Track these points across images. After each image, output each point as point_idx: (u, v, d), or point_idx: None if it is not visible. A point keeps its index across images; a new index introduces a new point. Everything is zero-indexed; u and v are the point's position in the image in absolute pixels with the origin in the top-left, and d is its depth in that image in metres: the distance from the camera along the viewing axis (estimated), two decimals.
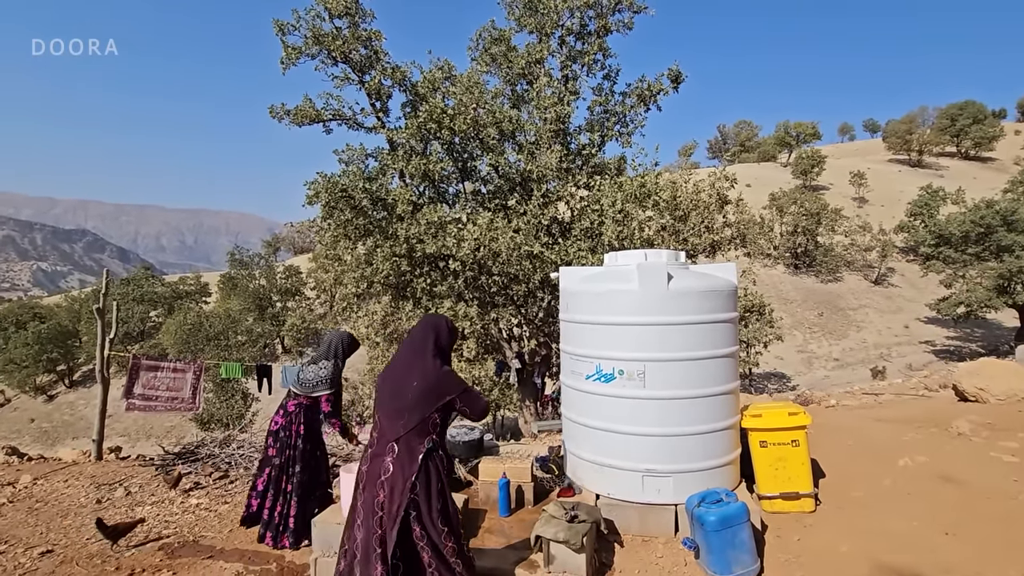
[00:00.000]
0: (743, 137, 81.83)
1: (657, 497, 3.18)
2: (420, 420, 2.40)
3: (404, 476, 2.34)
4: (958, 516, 3.23)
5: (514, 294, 10.87)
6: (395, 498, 2.32)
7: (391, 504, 2.32)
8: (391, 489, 2.34)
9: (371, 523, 2.35)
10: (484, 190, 10.82)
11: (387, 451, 2.40)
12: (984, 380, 6.95)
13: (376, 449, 2.43)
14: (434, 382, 2.46)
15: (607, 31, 10.96)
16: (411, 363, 2.53)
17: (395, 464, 2.36)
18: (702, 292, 3.15)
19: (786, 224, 38.63)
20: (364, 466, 2.46)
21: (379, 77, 9.52)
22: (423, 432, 2.41)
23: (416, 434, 2.40)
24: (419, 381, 2.46)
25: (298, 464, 3.73)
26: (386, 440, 2.41)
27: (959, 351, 26.36)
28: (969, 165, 65.37)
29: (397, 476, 2.34)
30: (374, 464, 2.41)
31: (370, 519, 2.35)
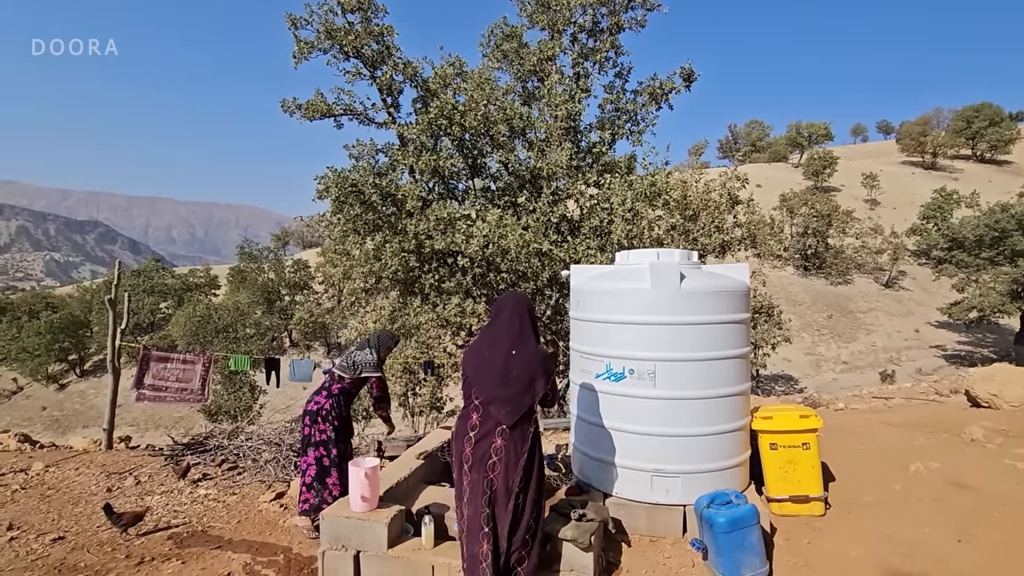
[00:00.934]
0: (754, 137, 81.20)
1: (665, 497, 3.17)
2: (531, 403, 2.58)
3: (517, 455, 2.52)
4: (971, 523, 3.19)
5: (523, 291, 10.87)
6: (510, 476, 2.50)
7: (504, 483, 2.50)
8: (505, 468, 2.50)
9: (479, 502, 2.50)
10: (494, 187, 10.81)
11: (497, 433, 2.54)
12: (998, 386, 6.87)
13: (483, 431, 2.56)
14: (542, 366, 2.63)
15: (620, 28, 10.90)
16: (517, 346, 2.64)
17: (507, 445, 2.52)
18: (714, 292, 3.13)
19: (796, 225, 38.34)
20: (469, 448, 2.58)
21: (390, 72, 9.52)
22: (531, 414, 2.60)
23: (526, 417, 2.57)
24: (529, 364, 2.60)
25: (341, 443, 3.84)
26: (495, 422, 2.55)
27: (970, 356, 26.08)
28: (984, 168, 64.51)
29: (511, 456, 2.52)
30: (482, 445, 2.54)
31: (478, 498, 2.51)
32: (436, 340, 13.20)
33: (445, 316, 10.00)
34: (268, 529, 4.08)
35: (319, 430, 3.75)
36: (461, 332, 11.75)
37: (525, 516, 2.56)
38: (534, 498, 2.59)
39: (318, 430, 3.75)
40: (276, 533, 4.01)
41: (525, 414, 2.55)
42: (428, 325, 10.47)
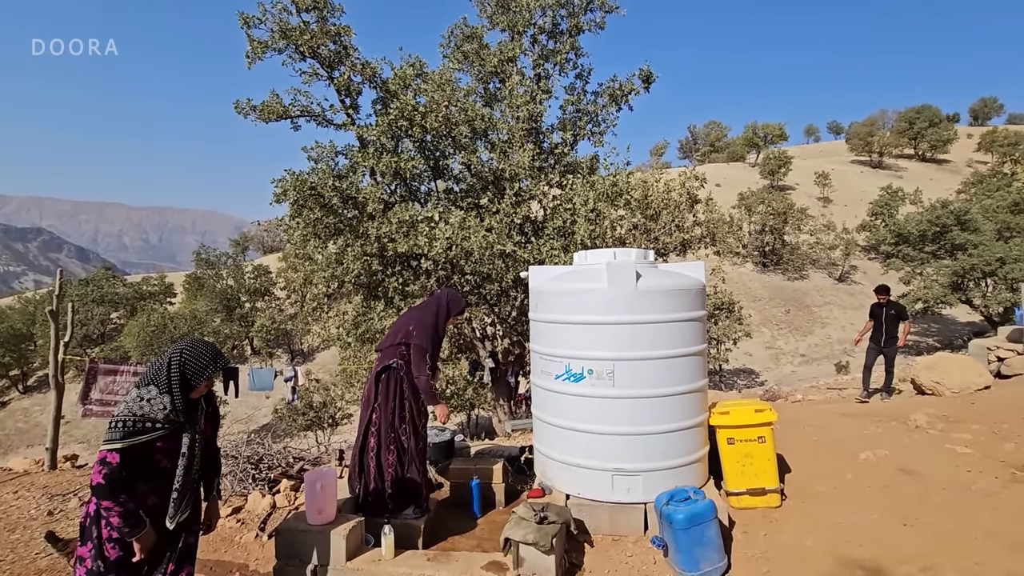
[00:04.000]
0: (713, 137, 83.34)
1: (627, 496, 3.19)
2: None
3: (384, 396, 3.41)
4: (915, 508, 3.32)
5: (487, 293, 10.83)
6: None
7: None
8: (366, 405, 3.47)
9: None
10: (456, 189, 10.75)
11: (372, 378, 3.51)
12: (940, 374, 7.21)
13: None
14: (414, 320, 3.43)
15: (579, 30, 11.01)
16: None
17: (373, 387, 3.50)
18: (671, 291, 3.17)
19: (754, 223, 39.52)
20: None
21: (348, 73, 9.35)
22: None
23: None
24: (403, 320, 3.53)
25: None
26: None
27: (917, 346, 27.34)
28: (926, 167, 67.93)
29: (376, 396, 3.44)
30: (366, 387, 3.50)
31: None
32: None
33: None
34: (224, 546, 3.93)
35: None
36: None
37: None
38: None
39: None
40: (232, 550, 3.87)
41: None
42: None
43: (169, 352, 2.28)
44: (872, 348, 8.22)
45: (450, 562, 2.95)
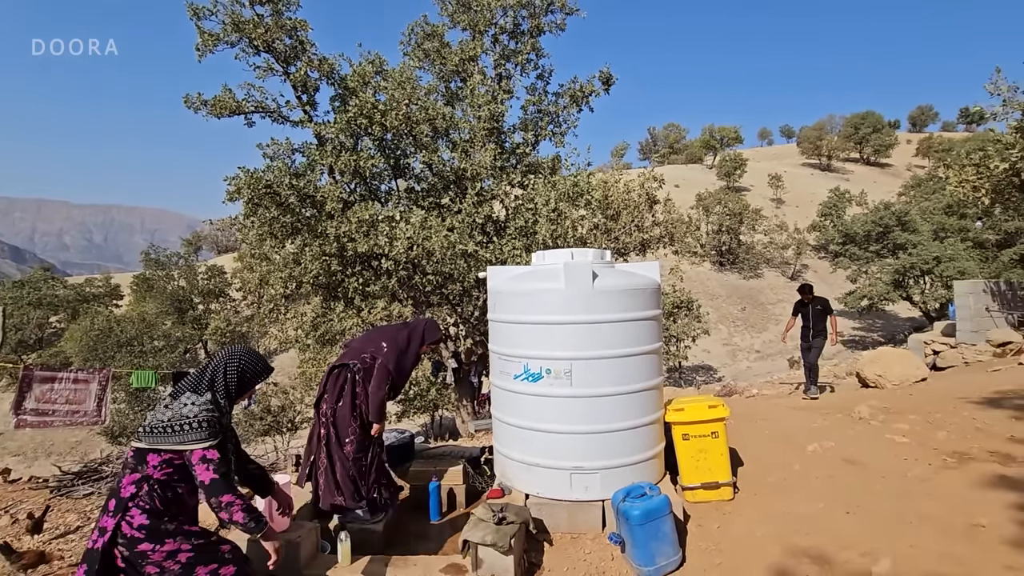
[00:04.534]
0: (672, 139, 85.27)
1: (585, 494, 3.23)
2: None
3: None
4: (858, 496, 3.48)
5: (449, 293, 10.77)
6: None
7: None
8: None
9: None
10: (417, 188, 10.65)
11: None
12: (882, 367, 7.58)
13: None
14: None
15: (540, 31, 11.07)
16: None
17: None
18: (626, 290, 3.22)
19: (712, 223, 40.63)
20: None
21: (305, 69, 9.13)
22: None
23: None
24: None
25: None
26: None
27: (863, 341, 28.68)
28: (870, 170, 71.37)
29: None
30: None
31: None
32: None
33: (371, 321, 9.75)
34: None
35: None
36: None
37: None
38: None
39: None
40: None
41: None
42: (355, 330, 10.15)
43: (224, 359, 2.34)
44: (804, 347, 8.22)
45: (408, 566, 2.91)
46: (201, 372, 2.31)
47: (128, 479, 2.11)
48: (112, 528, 2.03)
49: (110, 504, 2.10)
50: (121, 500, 2.07)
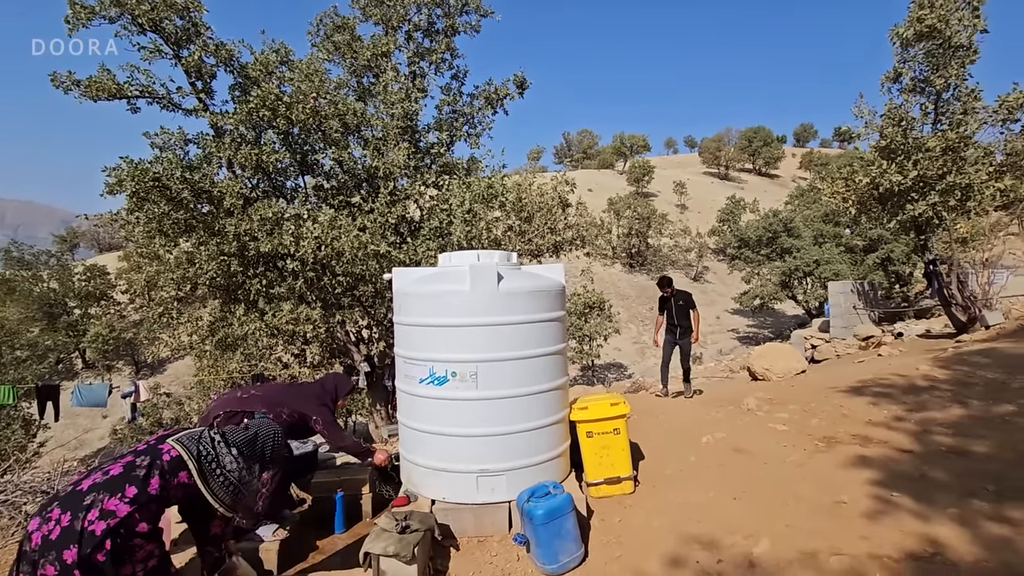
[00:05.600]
0: (585, 145, 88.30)
1: (491, 496, 3.23)
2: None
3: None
4: (744, 482, 3.76)
5: (361, 295, 10.43)
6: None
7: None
8: None
9: None
10: (327, 185, 10.21)
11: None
12: (768, 361, 8.26)
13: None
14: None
15: (455, 31, 11.00)
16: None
17: None
18: (531, 292, 3.26)
19: (622, 227, 42.52)
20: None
21: (199, 53, 8.46)
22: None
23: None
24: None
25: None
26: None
27: (755, 337, 31.23)
28: (762, 180, 78.00)
29: None
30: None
31: None
32: (267, 350, 12.14)
33: (276, 324, 9.22)
34: None
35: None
36: (296, 340, 10.94)
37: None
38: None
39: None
40: None
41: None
42: (258, 335, 9.55)
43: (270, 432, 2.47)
44: (668, 342, 7.68)
45: None
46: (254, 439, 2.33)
47: (156, 481, 2.00)
48: (123, 516, 1.89)
49: (128, 490, 1.94)
50: (145, 493, 1.96)
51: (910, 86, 9.75)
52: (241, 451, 2.19)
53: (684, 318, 7.41)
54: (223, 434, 2.22)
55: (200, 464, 2.08)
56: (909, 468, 3.64)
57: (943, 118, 9.68)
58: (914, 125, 9.81)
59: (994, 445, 3.85)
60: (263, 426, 2.36)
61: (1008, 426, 4.18)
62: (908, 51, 9.66)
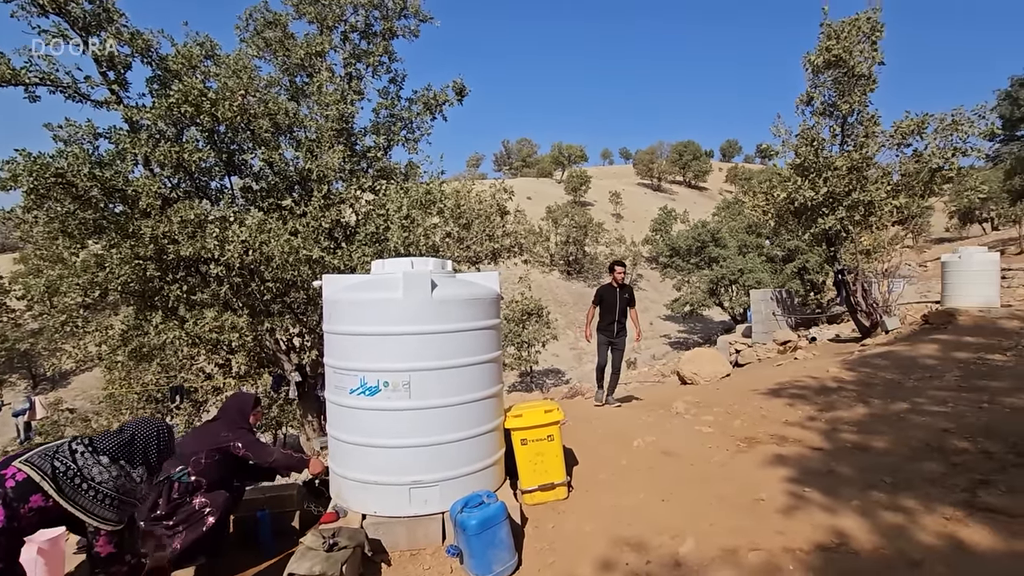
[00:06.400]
0: (524, 153, 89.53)
1: (424, 508, 3.17)
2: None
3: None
4: (672, 484, 3.90)
5: (292, 302, 10.02)
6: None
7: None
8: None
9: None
10: (256, 187, 9.75)
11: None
12: (696, 366, 8.65)
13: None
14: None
15: (393, 34, 10.86)
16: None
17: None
18: (465, 300, 3.25)
19: (560, 235, 43.33)
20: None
21: (112, 41, 7.87)
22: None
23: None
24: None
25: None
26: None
27: (686, 342, 32.60)
28: (691, 192, 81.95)
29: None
30: None
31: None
32: (188, 360, 11.41)
33: (198, 332, 8.68)
34: None
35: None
36: (220, 349, 10.35)
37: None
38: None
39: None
40: None
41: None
42: (178, 344, 8.95)
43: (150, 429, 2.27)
44: (603, 342, 6.54)
45: None
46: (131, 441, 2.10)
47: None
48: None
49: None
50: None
51: (821, 109, 10.56)
52: (115, 457, 1.99)
53: (625, 315, 6.52)
54: (90, 441, 2.01)
55: (58, 482, 1.85)
56: (819, 464, 3.91)
57: (849, 140, 10.55)
58: (824, 145, 10.63)
59: (891, 440, 4.21)
60: (141, 425, 2.18)
61: (903, 423, 4.58)
62: (819, 77, 10.46)
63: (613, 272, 6.46)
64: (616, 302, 6.36)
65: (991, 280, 10.58)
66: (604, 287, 6.54)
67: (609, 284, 6.51)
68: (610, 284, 6.50)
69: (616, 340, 6.48)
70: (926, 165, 9.96)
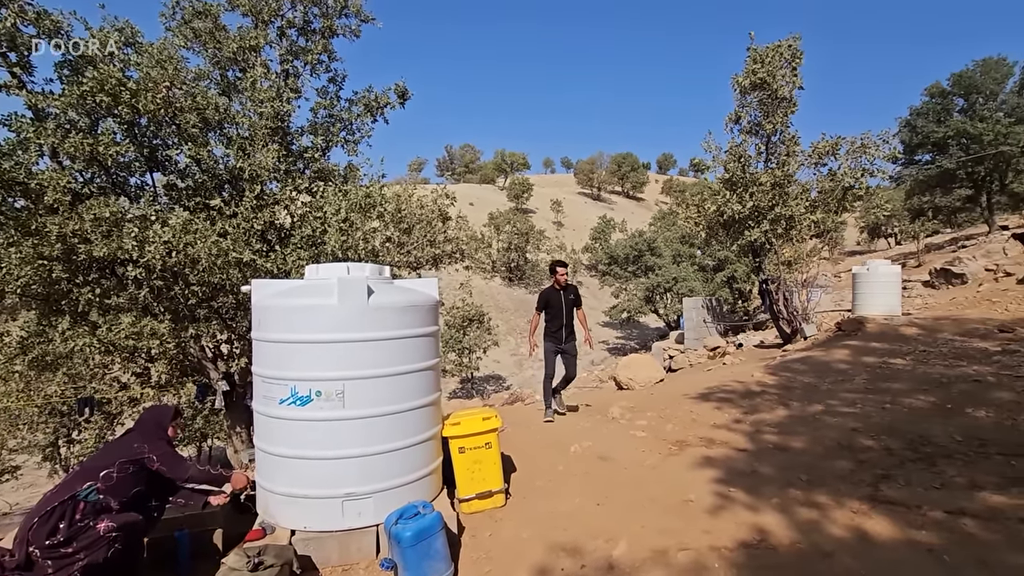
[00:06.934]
0: (467, 159, 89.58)
1: (358, 521, 3.08)
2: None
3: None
4: (607, 488, 3.99)
5: (220, 306, 9.51)
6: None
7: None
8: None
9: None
10: (181, 185, 9.19)
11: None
12: (632, 372, 8.90)
13: None
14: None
15: (333, 33, 10.58)
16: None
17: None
18: (403, 307, 3.19)
19: (502, 241, 43.58)
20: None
21: (13, 19, 7.22)
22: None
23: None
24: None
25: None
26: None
27: (623, 348, 33.52)
28: (629, 202, 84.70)
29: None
30: None
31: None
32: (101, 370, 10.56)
33: (112, 339, 8.06)
34: None
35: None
36: (138, 357, 9.64)
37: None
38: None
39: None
40: None
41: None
42: (89, 352, 8.26)
43: None
44: (551, 350, 6.02)
45: None
46: None
47: None
48: None
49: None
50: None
51: (747, 128, 11.22)
52: None
53: (572, 317, 6.03)
54: None
55: None
56: (744, 465, 4.12)
57: (772, 158, 11.26)
58: (750, 162, 11.29)
59: (808, 440, 4.50)
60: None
61: (818, 423, 4.91)
62: (746, 98, 11.12)
63: (555, 273, 5.97)
64: (562, 305, 5.91)
65: (894, 291, 11.57)
66: (547, 290, 6.06)
67: (552, 287, 6.03)
68: (552, 286, 6.02)
69: (566, 346, 6.00)
70: (839, 184, 10.78)
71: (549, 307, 5.95)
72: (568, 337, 5.98)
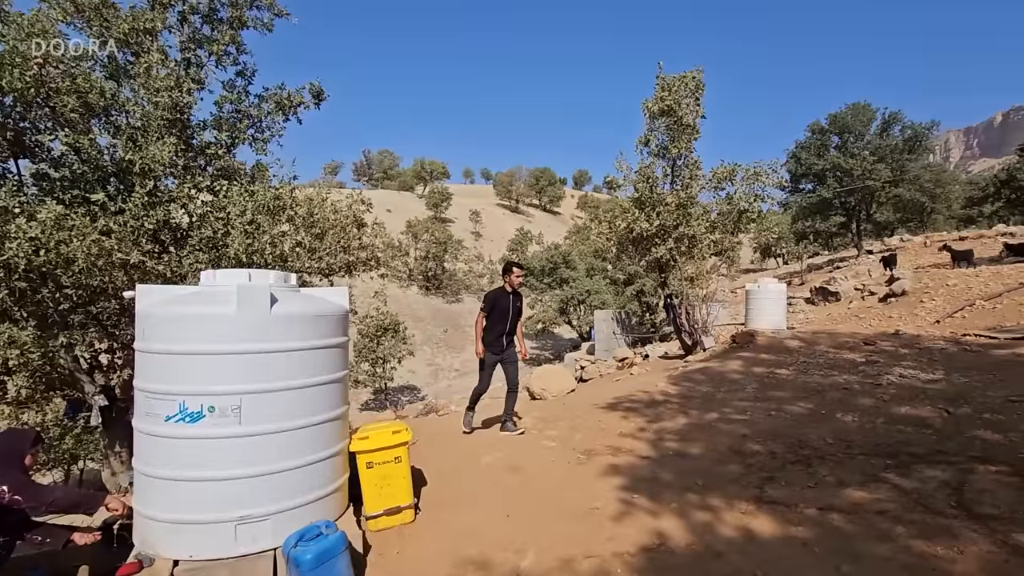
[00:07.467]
0: (386, 165, 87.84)
1: (253, 546, 2.87)
2: None
3: None
4: (516, 499, 4.01)
5: (100, 312, 8.57)
6: None
7: None
8: None
9: None
10: (55, 175, 8.22)
11: None
12: (545, 382, 9.07)
13: None
14: None
15: (243, 24, 9.98)
16: None
17: None
18: (309, 317, 3.04)
19: (420, 250, 43.03)
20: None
21: None
22: None
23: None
24: None
25: None
26: None
27: (538, 359, 34.12)
28: (546, 216, 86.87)
29: None
30: None
31: None
32: None
33: None
34: None
35: None
36: None
37: None
38: None
39: None
40: None
41: None
42: None
43: None
44: (491, 362, 5.64)
45: None
46: None
47: None
48: None
49: None
50: None
51: (655, 151, 11.92)
52: None
53: (516, 325, 5.73)
54: None
55: None
56: (647, 472, 4.31)
57: (677, 180, 12.03)
58: (658, 183, 11.99)
59: (704, 446, 4.80)
60: None
61: (713, 430, 5.26)
62: (654, 122, 11.83)
63: (509, 275, 5.60)
64: (509, 310, 5.56)
65: (780, 307, 12.72)
66: (497, 292, 5.66)
67: (502, 288, 5.66)
68: (503, 288, 5.65)
69: (506, 354, 5.67)
70: (736, 207, 11.73)
71: (496, 309, 5.56)
72: (509, 345, 5.70)
